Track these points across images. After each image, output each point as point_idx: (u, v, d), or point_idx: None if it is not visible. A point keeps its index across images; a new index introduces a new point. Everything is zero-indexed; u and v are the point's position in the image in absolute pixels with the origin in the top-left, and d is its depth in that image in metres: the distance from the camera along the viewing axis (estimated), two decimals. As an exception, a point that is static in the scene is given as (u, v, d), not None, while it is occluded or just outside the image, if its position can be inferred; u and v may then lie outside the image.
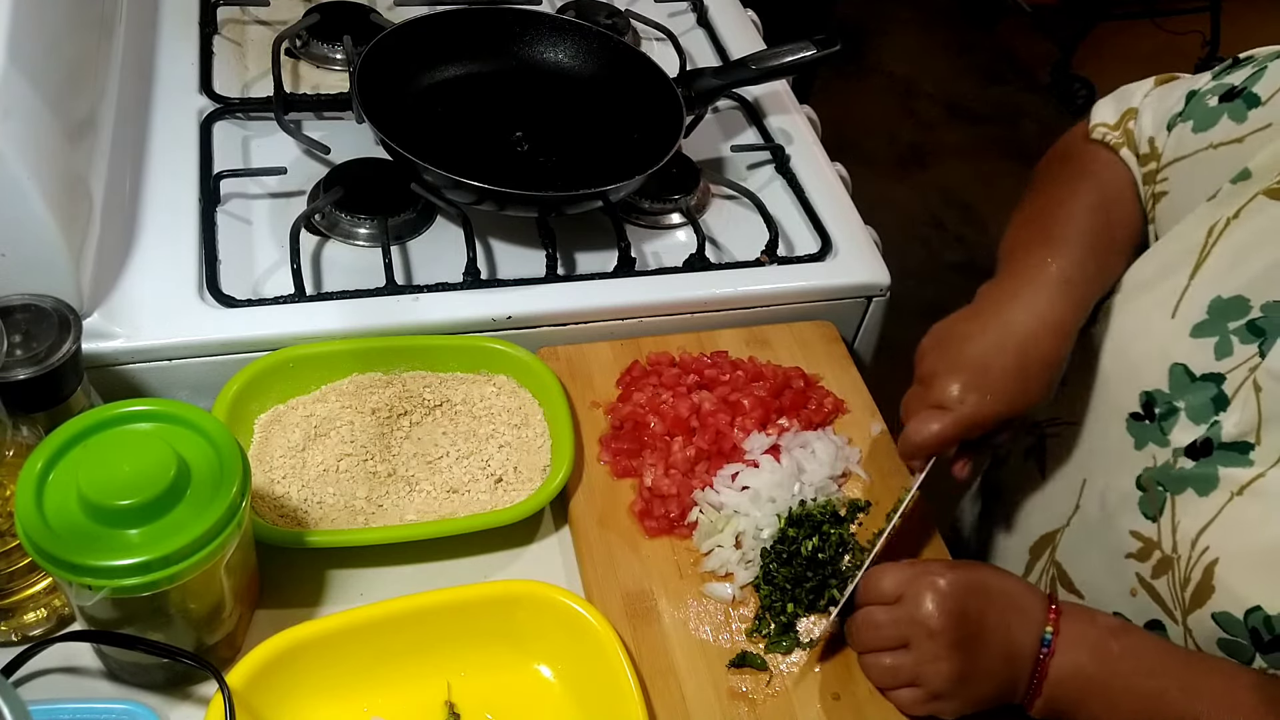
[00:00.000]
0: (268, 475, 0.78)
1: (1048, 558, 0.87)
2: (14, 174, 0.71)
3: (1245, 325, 0.70)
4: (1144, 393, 0.75)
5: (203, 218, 0.92)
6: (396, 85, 1.02)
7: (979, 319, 0.76)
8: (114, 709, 0.66)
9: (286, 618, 0.73)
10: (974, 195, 2.83)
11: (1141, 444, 0.76)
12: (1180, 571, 0.71)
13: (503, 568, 0.80)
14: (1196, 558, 0.70)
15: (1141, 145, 0.83)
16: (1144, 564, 0.75)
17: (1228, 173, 0.74)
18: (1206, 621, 0.69)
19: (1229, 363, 0.70)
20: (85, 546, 0.58)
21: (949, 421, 0.73)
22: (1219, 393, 0.70)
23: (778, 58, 1.05)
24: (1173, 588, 0.72)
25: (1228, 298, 0.71)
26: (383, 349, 0.85)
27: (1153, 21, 3.22)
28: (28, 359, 0.67)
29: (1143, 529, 0.75)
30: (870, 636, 0.71)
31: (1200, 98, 0.79)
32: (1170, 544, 0.72)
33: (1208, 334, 0.71)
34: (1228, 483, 0.69)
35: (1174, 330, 0.73)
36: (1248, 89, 0.75)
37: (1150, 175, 0.82)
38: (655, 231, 1.03)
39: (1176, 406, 0.73)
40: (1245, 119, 0.74)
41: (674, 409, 0.85)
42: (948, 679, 0.67)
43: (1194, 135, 0.78)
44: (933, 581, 0.68)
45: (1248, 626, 0.67)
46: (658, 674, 0.72)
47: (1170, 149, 0.80)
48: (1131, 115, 0.85)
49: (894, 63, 3.26)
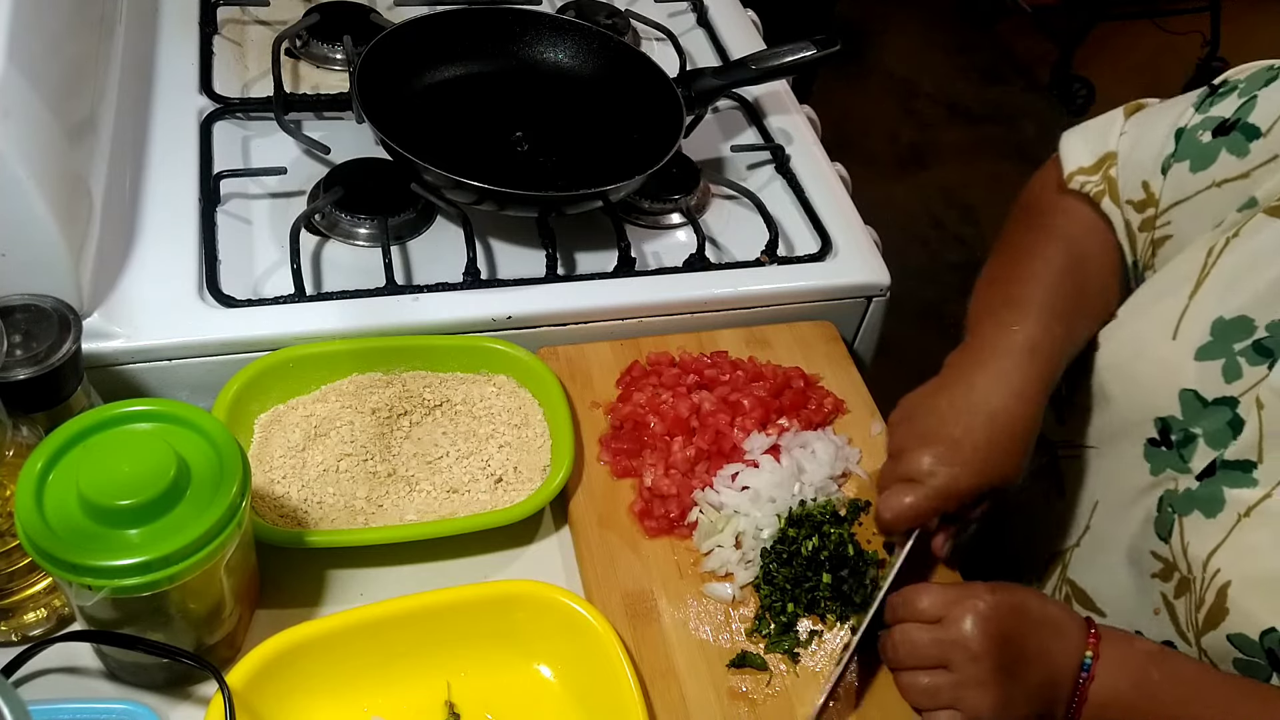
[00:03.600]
0: (268, 475, 0.78)
1: (1059, 576, 0.86)
2: (14, 174, 0.71)
3: (1251, 346, 0.69)
4: (1159, 419, 0.74)
5: (203, 218, 0.92)
6: (396, 85, 1.02)
7: (947, 392, 0.75)
8: (114, 709, 0.66)
9: (286, 618, 0.73)
10: (974, 195, 2.83)
11: (1158, 469, 0.75)
12: (1195, 593, 0.71)
13: (503, 568, 0.80)
14: (1209, 580, 0.69)
15: (1132, 191, 0.81)
16: (1167, 584, 0.74)
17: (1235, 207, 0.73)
18: (1222, 643, 0.68)
19: (1239, 385, 0.69)
20: (85, 546, 0.58)
21: (921, 495, 0.72)
22: (1234, 416, 0.70)
23: (778, 58, 1.05)
24: (1189, 609, 0.72)
25: (1230, 318, 0.70)
26: (383, 349, 0.85)
27: (1153, 21, 3.22)
28: (28, 359, 0.67)
29: (1159, 549, 0.74)
30: (909, 655, 0.68)
31: (1190, 135, 0.77)
32: (1185, 565, 0.72)
33: (1214, 356, 0.71)
34: (1234, 504, 0.69)
35: (1177, 353, 0.72)
36: (1242, 120, 0.74)
37: (1149, 222, 0.80)
38: (655, 231, 1.03)
39: (1194, 433, 0.72)
40: (1247, 152, 0.73)
41: (674, 409, 0.85)
42: (989, 704, 0.66)
43: (1193, 175, 0.76)
44: (975, 604, 0.67)
45: (1264, 647, 0.66)
46: (658, 674, 0.72)
47: (1169, 192, 0.78)
48: (1111, 161, 0.82)
49: (894, 63, 3.26)
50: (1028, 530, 0.91)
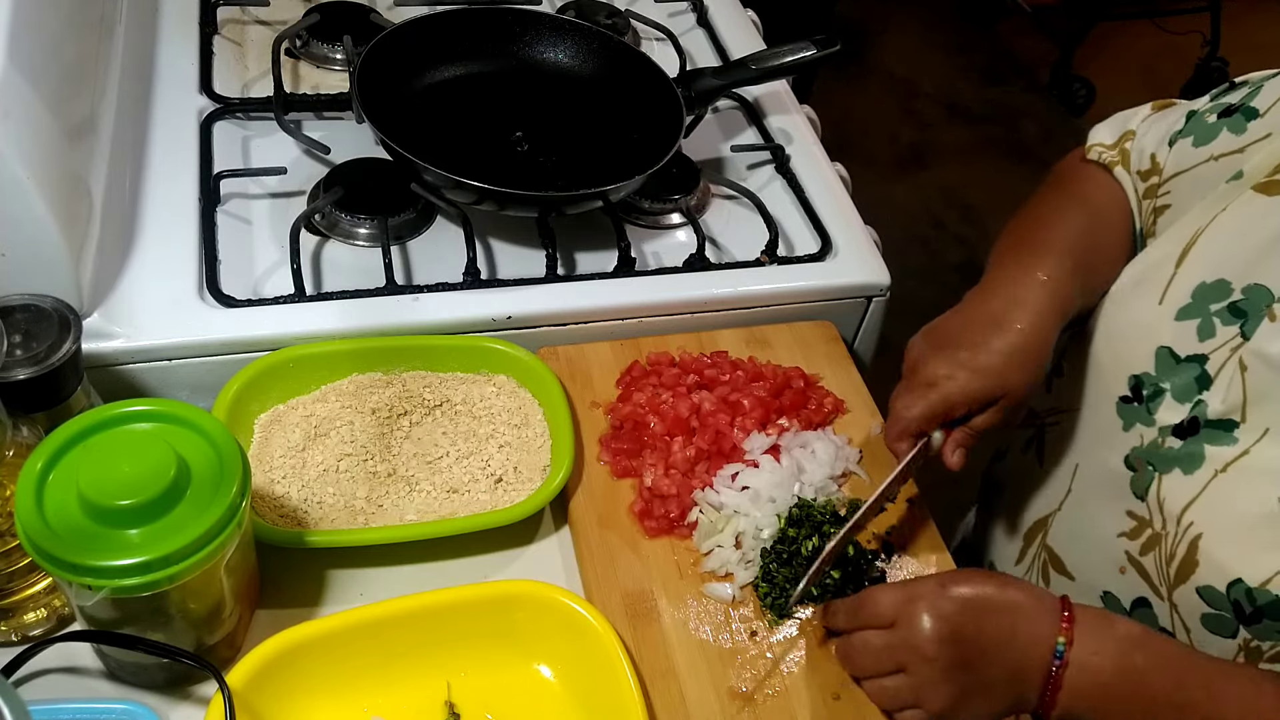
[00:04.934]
0: (268, 475, 0.78)
1: (1039, 543, 0.88)
2: (14, 174, 0.71)
3: (1226, 307, 0.72)
4: (1132, 376, 0.77)
5: (203, 218, 0.92)
6: (396, 85, 1.02)
7: (964, 312, 0.79)
8: (114, 709, 0.66)
9: (286, 618, 0.73)
10: (974, 195, 2.83)
11: (1129, 425, 0.77)
12: (1166, 547, 0.72)
13: (503, 568, 0.80)
14: (1181, 533, 0.71)
15: (1141, 161, 0.85)
16: (1134, 541, 0.76)
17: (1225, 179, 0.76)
18: (1191, 596, 0.70)
19: (1211, 344, 0.72)
20: (85, 546, 0.58)
21: (935, 396, 0.74)
22: (1202, 372, 0.72)
23: (778, 58, 1.05)
24: (1159, 563, 0.73)
25: (1210, 282, 0.73)
26: (383, 349, 0.85)
27: (1153, 21, 3.22)
28: (28, 359, 0.67)
29: (1134, 508, 0.76)
30: (867, 662, 0.70)
31: (1200, 116, 0.81)
32: (1160, 521, 0.73)
33: (1191, 316, 0.73)
34: (1213, 460, 0.71)
35: (1160, 315, 0.75)
36: (1245, 104, 0.78)
37: (1151, 190, 0.84)
38: (655, 231, 1.03)
39: (1162, 388, 0.75)
40: (1245, 130, 0.77)
41: (674, 409, 0.85)
42: (946, 701, 0.67)
43: (1194, 149, 0.80)
44: (928, 604, 0.67)
45: (1230, 599, 0.68)
46: (658, 674, 0.72)
47: (1171, 163, 0.82)
48: (1129, 137, 0.87)
49: (894, 63, 3.26)
50: (1016, 503, 0.93)
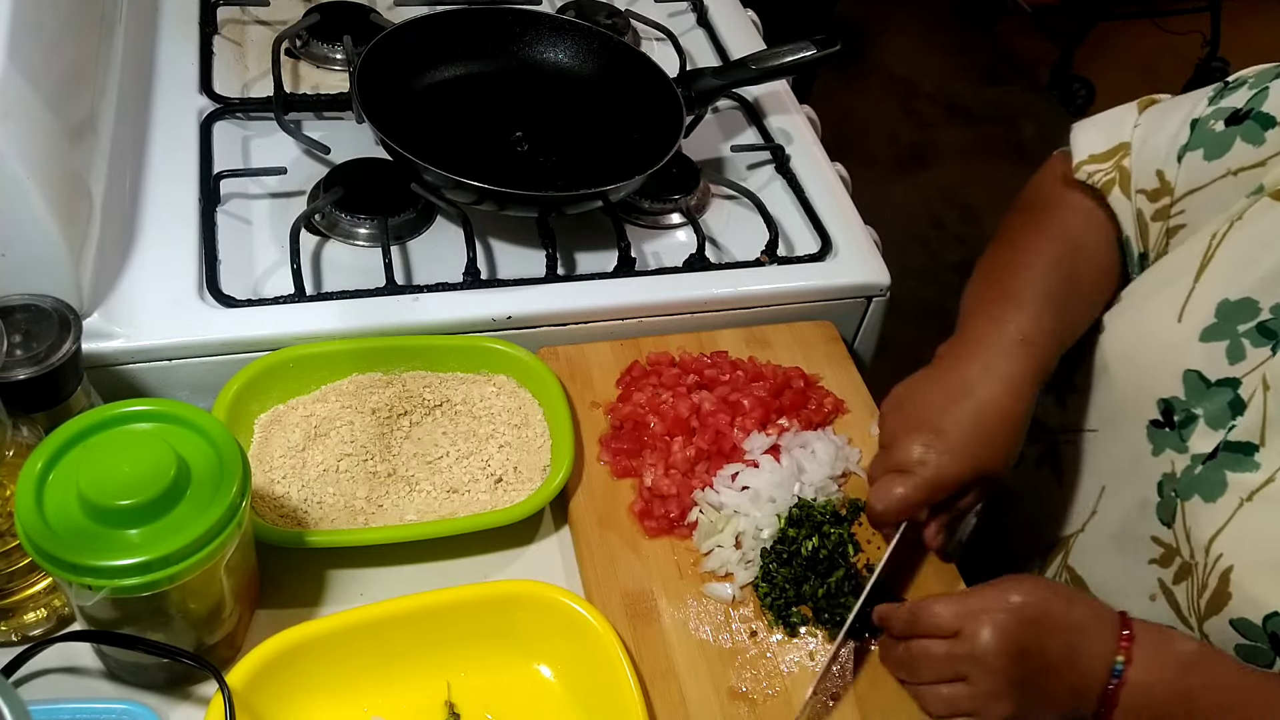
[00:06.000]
0: (268, 475, 0.78)
1: (1060, 562, 0.86)
2: (14, 174, 0.71)
3: (1255, 328, 0.69)
4: (1161, 400, 0.74)
5: (203, 218, 0.92)
6: (396, 85, 1.02)
7: (937, 382, 0.76)
8: (114, 709, 0.66)
9: (286, 618, 0.73)
10: (974, 195, 2.83)
11: (1159, 450, 0.75)
12: (1198, 578, 0.70)
13: (503, 568, 0.80)
14: (1211, 564, 0.69)
15: (1146, 180, 0.80)
16: (1165, 570, 0.74)
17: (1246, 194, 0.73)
18: (1225, 629, 0.68)
19: (1243, 367, 0.70)
20: (85, 546, 0.58)
21: (911, 485, 0.72)
22: (1235, 397, 0.70)
23: (778, 58, 1.05)
24: (1190, 595, 0.71)
25: (1235, 300, 0.70)
26: (383, 349, 0.85)
27: (1153, 21, 3.22)
28: (28, 359, 0.67)
29: (1161, 534, 0.74)
30: (926, 670, 0.68)
31: (1203, 124, 0.77)
32: (1188, 550, 0.72)
33: (1218, 338, 0.71)
34: (1236, 488, 0.68)
35: (1182, 335, 0.73)
36: (1255, 109, 0.74)
37: (1163, 211, 0.80)
38: (655, 231, 1.03)
39: (1195, 414, 0.72)
40: (1263, 141, 0.73)
41: (674, 409, 0.85)
42: (1006, 712, 0.65)
43: (1208, 164, 0.76)
44: (993, 617, 0.66)
45: (1267, 632, 0.66)
46: (658, 674, 0.72)
47: (1183, 181, 0.78)
48: (1125, 151, 0.82)
49: (894, 63, 3.26)
50: (1030, 519, 0.91)
